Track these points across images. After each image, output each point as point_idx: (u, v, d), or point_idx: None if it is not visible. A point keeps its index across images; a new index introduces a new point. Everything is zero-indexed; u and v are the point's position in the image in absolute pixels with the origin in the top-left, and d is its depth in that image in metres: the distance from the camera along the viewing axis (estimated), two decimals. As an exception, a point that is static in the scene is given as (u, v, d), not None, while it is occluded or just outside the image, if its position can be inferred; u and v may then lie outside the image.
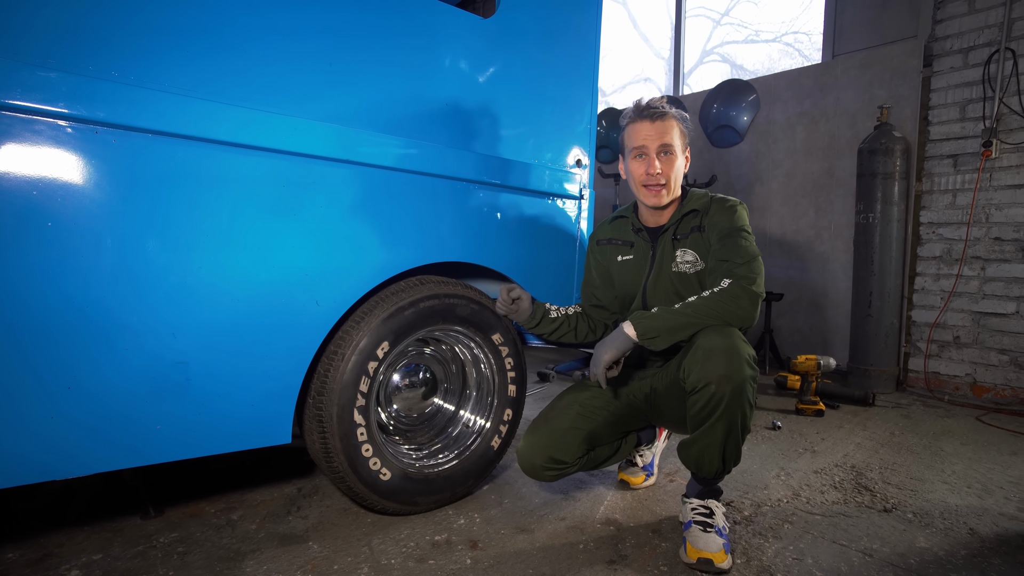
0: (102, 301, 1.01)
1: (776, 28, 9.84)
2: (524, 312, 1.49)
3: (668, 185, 1.38)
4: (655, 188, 1.38)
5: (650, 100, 1.40)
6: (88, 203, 0.99)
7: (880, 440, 2.22)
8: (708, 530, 1.26)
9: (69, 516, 1.45)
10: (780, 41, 9.61)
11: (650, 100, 1.40)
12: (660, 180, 1.37)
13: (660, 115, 1.36)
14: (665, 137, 1.36)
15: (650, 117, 1.36)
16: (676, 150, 1.37)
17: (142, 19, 1.03)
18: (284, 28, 1.20)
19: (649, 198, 1.40)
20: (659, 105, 1.37)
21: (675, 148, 1.37)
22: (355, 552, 1.31)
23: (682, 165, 1.41)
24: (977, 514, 1.57)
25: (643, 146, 1.37)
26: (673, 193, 1.40)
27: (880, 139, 2.96)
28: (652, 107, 1.37)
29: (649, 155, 1.37)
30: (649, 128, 1.36)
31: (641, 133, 1.37)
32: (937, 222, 2.99)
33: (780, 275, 3.78)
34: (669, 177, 1.37)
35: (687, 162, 1.43)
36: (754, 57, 10.15)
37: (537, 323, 1.52)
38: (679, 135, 1.38)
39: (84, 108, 0.97)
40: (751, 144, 3.91)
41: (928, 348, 3.01)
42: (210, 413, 1.14)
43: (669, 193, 1.39)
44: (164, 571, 1.22)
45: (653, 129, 1.36)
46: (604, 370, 1.26)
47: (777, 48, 9.54)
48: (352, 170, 1.30)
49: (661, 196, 1.39)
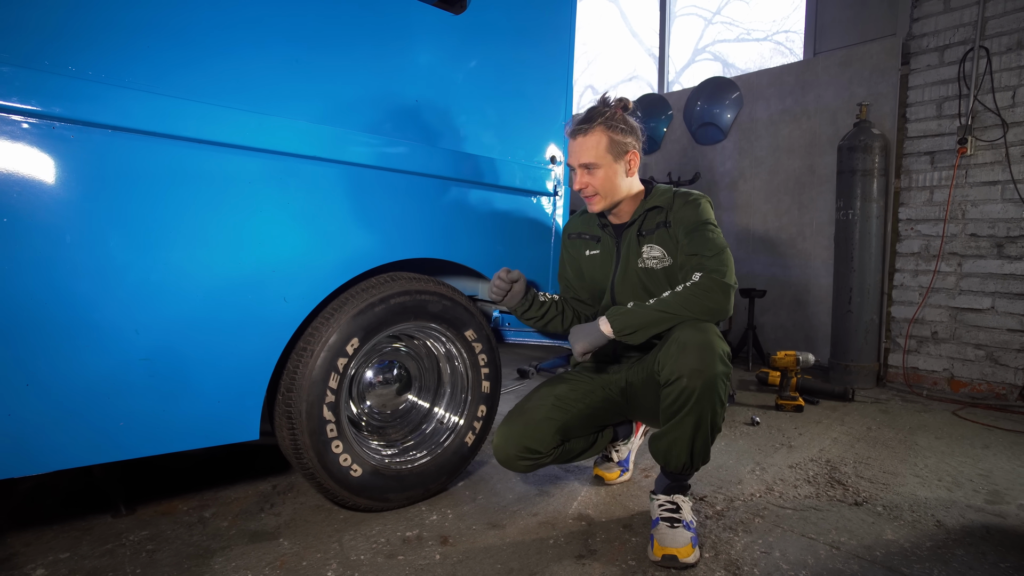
0: (62, 297, 1.00)
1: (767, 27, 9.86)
2: (517, 296, 1.48)
3: (599, 194, 1.41)
4: (589, 199, 1.42)
5: (584, 113, 1.41)
6: (46, 199, 0.98)
7: (857, 435, 2.24)
8: (675, 525, 1.27)
9: (39, 515, 1.44)
10: (771, 40, 9.65)
11: (584, 113, 1.41)
12: (589, 192, 1.41)
13: (582, 131, 1.38)
14: (584, 156, 1.38)
15: (573, 134, 1.40)
16: (601, 162, 1.37)
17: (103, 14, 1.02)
18: (247, 22, 1.19)
19: (589, 206, 1.45)
20: (588, 117, 1.38)
21: (598, 162, 1.37)
22: (325, 548, 1.31)
23: (615, 171, 1.39)
24: (945, 506, 1.59)
25: (571, 163, 1.43)
26: (610, 197, 1.42)
27: (859, 136, 2.99)
28: (578, 123, 1.39)
29: (575, 170, 1.42)
30: (574, 145, 1.40)
31: (572, 149, 1.41)
32: (915, 218, 3.02)
33: (763, 272, 3.80)
34: (597, 188, 1.40)
35: (632, 163, 1.41)
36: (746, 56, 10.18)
37: (528, 307, 1.51)
38: (607, 144, 1.37)
39: (42, 103, 0.96)
40: (734, 141, 3.94)
41: (907, 343, 3.04)
42: (175, 409, 1.14)
43: (604, 199, 1.42)
44: (131, 569, 1.21)
45: (576, 146, 1.39)
46: (580, 359, 1.35)
47: (769, 47, 9.57)
48: (318, 167, 1.30)
49: (595, 204, 1.42)
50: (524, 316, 1.54)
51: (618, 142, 1.38)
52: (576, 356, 1.34)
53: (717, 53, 10.93)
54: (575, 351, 1.34)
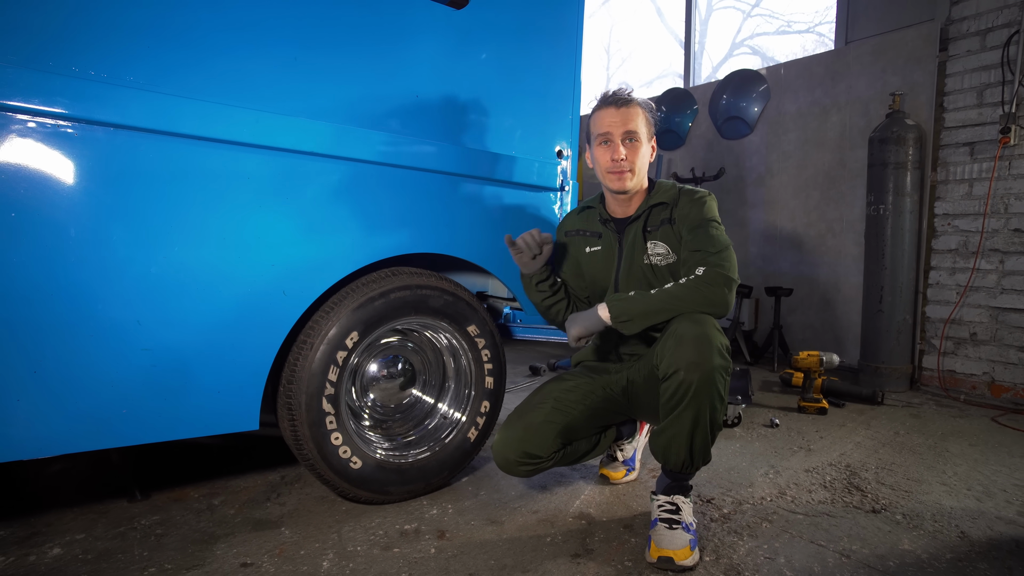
0: (66, 289, 1.04)
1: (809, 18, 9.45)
2: (544, 259, 1.43)
3: (633, 171, 1.37)
4: (619, 173, 1.37)
5: (617, 88, 1.38)
6: (52, 195, 1.02)
7: (882, 439, 2.14)
8: (674, 527, 1.24)
9: (63, 498, 1.51)
10: (813, 32, 9.23)
11: (617, 88, 1.38)
12: (624, 166, 1.36)
13: (625, 102, 1.35)
14: (629, 124, 1.35)
15: (615, 103, 1.36)
16: (641, 137, 1.37)
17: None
18: (249, 21, 1.21)
19: (614, 182, 1.39)
20: (625, 93, 1.36)
21: (640, 135, 1.37)
22: (324, 538, 1.33)
23: (647, 153, 1.40)
24: (972, 517, 1.50)
25: (608, 132, 1.37)
26: (638, 179, 1.39)
27: (892, 127, 2.85)
28: (618, 94, 1.36)
29: (614, 141, 1.36)
30: (614, 115, 1.35)
31: (606, 120, 1.36)
32: (953, 213, 2.86)
33: (790, 270, 3.67)
34: (634, 163, 1.36)
35: (653, 151, 1.43)
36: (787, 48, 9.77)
37: (546, 277, 1.47)
38: (644, 123, 1.38)
39: (46, 102, 1.00)
40: (761, 135, 3.81)
41: (942, 345, 2.89)
42: (175, 399, 1.17)
43: (634, 178, 1.38)
44: (139, 552, 1.26)
45: (618, 116, 1.35)
46: (574, 344, 1.37)
47: (812, 39, 9.16)
48: (317, 163, 1.32)
49: (625, 180, 1.37)
50: (538, 286, 1.48)
51: (650, 124, 1.41)
52: (570, 341, 1.35)
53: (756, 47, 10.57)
54: (570, 336, 1.35)
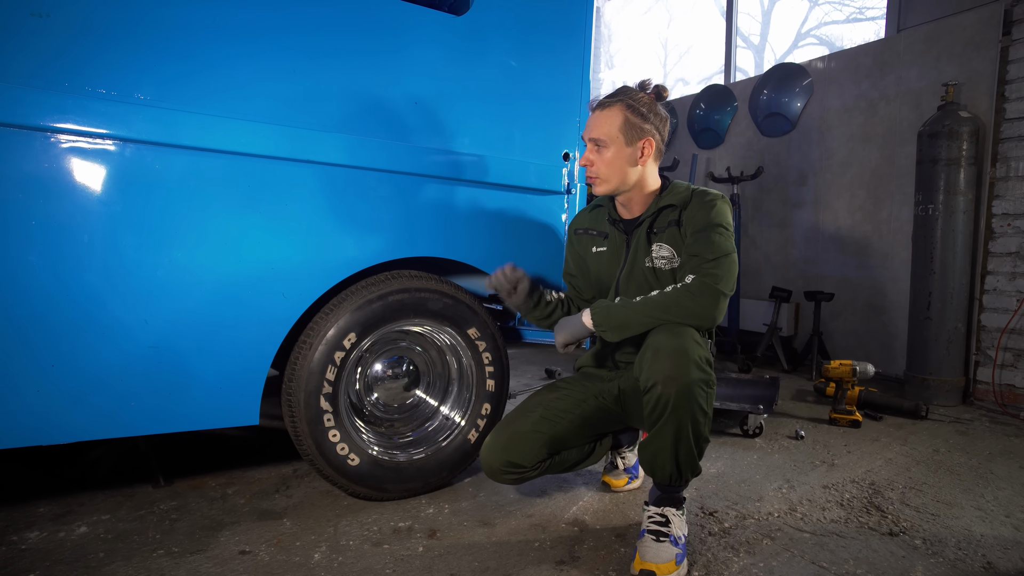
0: (82, 291, 1.14)
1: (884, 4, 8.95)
2: (523, 294, 1.43)
3: (600, 177, 1.33)
4: (590, 180, 1.35)
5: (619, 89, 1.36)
6: (67, 204, 1.12)
7: (917, 457, 2.00)
8: (661, 539, 1.21)
9: (97, 482, 1.64)
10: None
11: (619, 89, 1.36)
12: (590, 173, 1.34)
13: (602, 104, 1.32)
14: (595, 130, 1.31)
15: (595, 107, 1.33)
16: (609, 142, 1.30)
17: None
18: (243, 29, 1.27)
19: (592, 188, 1.38)
20: (612, 94, 1.33)
21: (607, 140, 1.30)
22: (320, 531, 1.38)
23: (621, 156, 1.31)
24: (1004, 547, 1.38)
25: (583, 138, 1.36)
26: (612, 183, 1.34)
27: (943, 121, 2.64)
28: (600, 98, 1.33)
29: (587, 147, 1.35)
30: (590, 120, 1.34)
31: (586, 124, 1.35)
32: (1013, 213, 2.62)
33: (833, 273, 3.48)
34: (599, 170, 1.32)
35: (646, 151, 1.33)
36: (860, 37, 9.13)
37: (535, 305, 1.47)
38: (621, 123, 1.30)
39: (62, 119, 1.10)
40: (803, 132, 3.63)
41: (999, 356, 2.66)
42: (180, 393, 1.25)
43: (606, 184, 1.34)
44: (153, 535, 1.35)
45: (591, 121, 1.33)
46: (562, 350, 1.36)
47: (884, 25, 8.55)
48: (315, 169, 1.37)
49: (595, 186, 1.35)
50: (530, 315, 1.51)
51: (634, 125, 1.30)
52: (557, 347, 1.36)
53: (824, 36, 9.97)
54: (556, 342, 1.35)
